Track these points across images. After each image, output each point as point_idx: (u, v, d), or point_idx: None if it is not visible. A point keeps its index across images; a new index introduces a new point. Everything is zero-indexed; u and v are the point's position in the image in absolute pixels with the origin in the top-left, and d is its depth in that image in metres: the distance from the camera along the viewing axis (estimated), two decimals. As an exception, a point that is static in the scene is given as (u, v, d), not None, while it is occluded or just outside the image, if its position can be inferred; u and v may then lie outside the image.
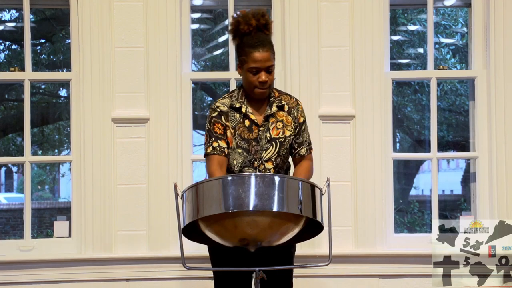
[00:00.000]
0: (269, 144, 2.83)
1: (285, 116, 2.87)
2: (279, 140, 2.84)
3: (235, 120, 2.85)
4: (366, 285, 3.89)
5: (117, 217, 3.89)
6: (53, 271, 3.90)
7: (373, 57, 3.90)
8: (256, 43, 2.76)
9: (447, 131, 8.32)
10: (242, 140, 2.83)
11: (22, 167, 5.09)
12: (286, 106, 2.88)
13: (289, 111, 2.88)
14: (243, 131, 2.83)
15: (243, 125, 2.84)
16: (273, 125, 2.85)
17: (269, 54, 2.76)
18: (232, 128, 2.84)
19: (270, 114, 2.85)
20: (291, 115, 2.88)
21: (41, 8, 6.60)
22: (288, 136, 2.86)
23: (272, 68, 2.79)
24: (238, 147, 2.82)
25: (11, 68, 4.16)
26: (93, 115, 3.91)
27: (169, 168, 3.87)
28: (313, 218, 2.41)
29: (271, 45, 2.80)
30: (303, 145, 2.90)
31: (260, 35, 2.79)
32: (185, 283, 3.88)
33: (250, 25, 2.79)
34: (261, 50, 2.75)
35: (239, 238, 2.41)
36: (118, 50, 3.93)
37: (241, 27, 2.80)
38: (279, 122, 2.85)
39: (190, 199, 2.42)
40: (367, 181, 3.90)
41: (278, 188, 2.34)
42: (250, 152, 2.82)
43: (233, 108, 2.86)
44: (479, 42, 4.02)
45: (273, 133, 2.84)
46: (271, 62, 2.77)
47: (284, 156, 2.86)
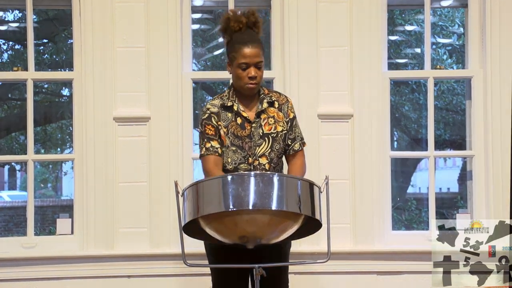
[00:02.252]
0: (262, 140, 2.84)
1: (276, 112, 2.89)
2: (271, 136, 2.85)
3: (227, 119, 2.85)
4: (364, 281, 3.88)
5: (118, 214, 3.89)
6: (55, 268, 3.89)
7: (370, 57, 3.90)
8: (246, 39, 2.78)
9: (444, 129, 8.30)
10: (235, 137, 2.83)
11: (25, 165, 5.09)
12: (276, 102, 2.90)
13: (279, 107, 2.90)
14: (235, 129, 2.84)
15: (235, 123, 2.85)
16: (265, 121, 2.86)
17: (258, 50, 2.78)
18: (224, 127, 2.84)
19: (262, 110, 2.86)
20: (282, 111, 2.90)
21: (43, 9, 6.58)
22: (280, 131, 2.87)
23: (261, 64, 2.81)
24: (232, 145, 2.83)
25: (14, 68, 4.16)
26: (95, 114, 3.90)
27: (170, 167, 3.87)
28: (311, 216, 2.41)
29: (260, 42, 2.82)
30: (296, 140, 2.91)
31: (249, 32, 2.82)
32: (185, 279, 3.88)
33: (240, 22, 2.82)
34: (250, 46, 2.77)
35: (238, 236, 2.41)
36: (119, 50, 3.92)
37: (232, 25, 2.83)
38: (270, 118, 2.87)
39: (191, 198, 2.42)
40: (365, 179, 3.89)
41: (277, 187, 2.34)
42: (244, 149, 2.82)
43: (224, 107, 2.86)
44: (475, 42, 4.02)
45: (265, 128, 2.85)
46: (260, 58, 2.79)
47: (278, 151, 2.86)
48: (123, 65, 3.91)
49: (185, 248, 2.52)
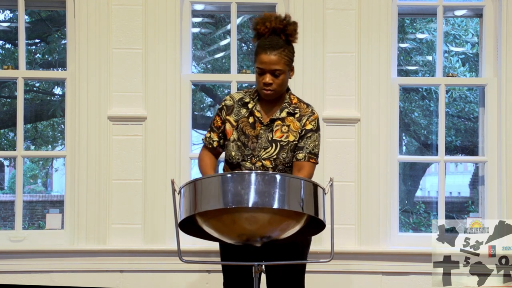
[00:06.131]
0: (269, 144, 2.74)
1: (293, 122, 2.76)
2: (280, 143, 2.73)
3: (240, 114, 2.79)
4: (369, 281, 3.86)
5: (111, 210, 3.85)
6: (45, 261, 3.84)
7: (379, 63, 3.87)
8: (266, 45, 2.67)
9: (455, 136, 8.28)
10: (243, 134, 2.76)
11: (14, 161, 4.99)
12: (298, 113, 2.77)
13: (299, 118, 2.77)
14: (245, 126, 2.76)
15: (247, 120, 2.77)
16: (277, 127, 2.75)
17: (277, 58, 2.65)
18: (235, 121, 2.78)
19: (278, 118, 2.75)
20: (300, 122, 2.76)
21: (36, 10, 6.49)
22: (292, 141, 2.74)
23: (280, 73, 2.67)
24: (238, 140, 2.76)
25: (4, 66, 4.05)
26: (88, 113, 3.86)
27: (166, 165, 3.84)
28: (314, 216, 2.35)
29: (282, 50, 2.67)
30: (302, 151, 2.73)
31: (273, 38, 2.69)
32: (180, 275, 3.83)
33: (266, 27, 2.69)
34: (268, 53, 2.65)
35: (237, 234, 2.36)
36: (115, 51, 3.88)
37: (258, 27, 2.71)
38: (285, 126, 2.75)
39: (188, 195, 2.36)
40: (371, 182, 3.86)
41: (279, 186, 2.28)
42: (248, 147, 2.74)
43: (242, 102, 2.80)
44: (490, 51, 4.02)
45: (275, 134, 2.74)
46: (277, 66, 2.66)
47: (284, 160, 2.74)
48: (119, 66, 3.87)
49: (181, 245, 2.49)
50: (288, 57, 2.70)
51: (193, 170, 4.00)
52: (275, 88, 2.71)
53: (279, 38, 2.69)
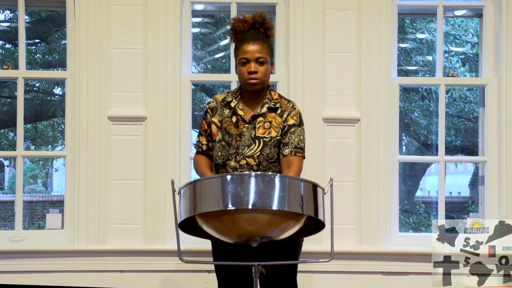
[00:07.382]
0: (252, 141, 2.77)
1: (274, 118, 2.80)
2: (263, 139, 2.77)
3: (224, 114, 2.83)
4: (369, 281, 3.85)
5: (111, 210, 3.84)
6: (45, 261, 3.82)
7: (379, 63, 3.87)
8: (248, 37, 2.75)
9: (455, 136, 8.26)
10: (226, 134, 2.80)
11: (14, 161, 4.97)
12: (279, 109, 2.82)
13: (281, 113, 2.81)
14: (228, 126, 2.80)
15: (230, 120, 2.81)
16: (260, 124, 2.79)
17: (259, 47, 2.73)
18: (219, 122, 2.82)
19: (260, 114, 2.80)
20: (282, 117, 2.80)
21: (36, 10, 6.47)
22: (274, 136, 2.78)
23: (264, 60, 2.74)
24: (223, 140, 2.79)
25: (4, 66, 4.03)
26: (88, 113, 3.85)
27: (166, 165, 3.82)
28: (314, 217, 2.35)
29: (264, 41, 2.76)
30: (287, 146, 2.76)
31: (253, 31, 2.78)
32: (180, 275, 3.82)
33: (245, 22, 2.78)
34: (251, 42, 2.73)
35: (237, 234, 2.35)
36: (115, 51, 3.87)
37: (236, 25, 2.79)
38: (267, 123, 2.79)
39: (188, 195, 2.35)
40: (371, 182, 3.85)
41: (279, 187, 2.27)
42: (233, 146, 2.77)
43: (225, 103, 2.84)
44: (490, 51, 4.02)
45: (258, 131, 2.78)
46: (261, 54, 2.73)
47: (268, 156, 2.76)
48: (119, 66, 3.86)
49: (181, 245, 2.48)
50: (269, 49, 2.78)
51: (193, 170, 3.97)
52: (260, 77, 2.75)
53: (259, 32, 2.77)
